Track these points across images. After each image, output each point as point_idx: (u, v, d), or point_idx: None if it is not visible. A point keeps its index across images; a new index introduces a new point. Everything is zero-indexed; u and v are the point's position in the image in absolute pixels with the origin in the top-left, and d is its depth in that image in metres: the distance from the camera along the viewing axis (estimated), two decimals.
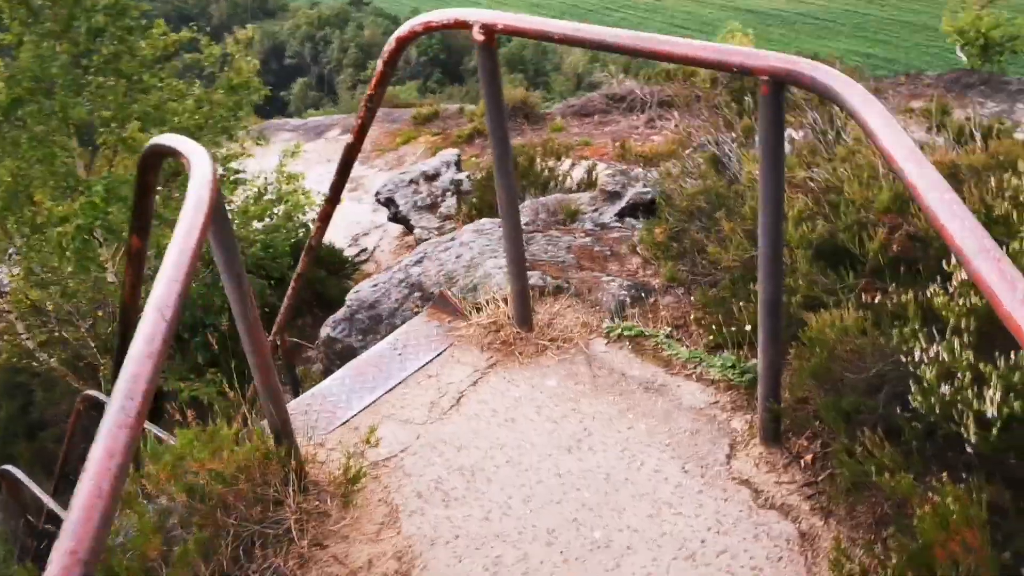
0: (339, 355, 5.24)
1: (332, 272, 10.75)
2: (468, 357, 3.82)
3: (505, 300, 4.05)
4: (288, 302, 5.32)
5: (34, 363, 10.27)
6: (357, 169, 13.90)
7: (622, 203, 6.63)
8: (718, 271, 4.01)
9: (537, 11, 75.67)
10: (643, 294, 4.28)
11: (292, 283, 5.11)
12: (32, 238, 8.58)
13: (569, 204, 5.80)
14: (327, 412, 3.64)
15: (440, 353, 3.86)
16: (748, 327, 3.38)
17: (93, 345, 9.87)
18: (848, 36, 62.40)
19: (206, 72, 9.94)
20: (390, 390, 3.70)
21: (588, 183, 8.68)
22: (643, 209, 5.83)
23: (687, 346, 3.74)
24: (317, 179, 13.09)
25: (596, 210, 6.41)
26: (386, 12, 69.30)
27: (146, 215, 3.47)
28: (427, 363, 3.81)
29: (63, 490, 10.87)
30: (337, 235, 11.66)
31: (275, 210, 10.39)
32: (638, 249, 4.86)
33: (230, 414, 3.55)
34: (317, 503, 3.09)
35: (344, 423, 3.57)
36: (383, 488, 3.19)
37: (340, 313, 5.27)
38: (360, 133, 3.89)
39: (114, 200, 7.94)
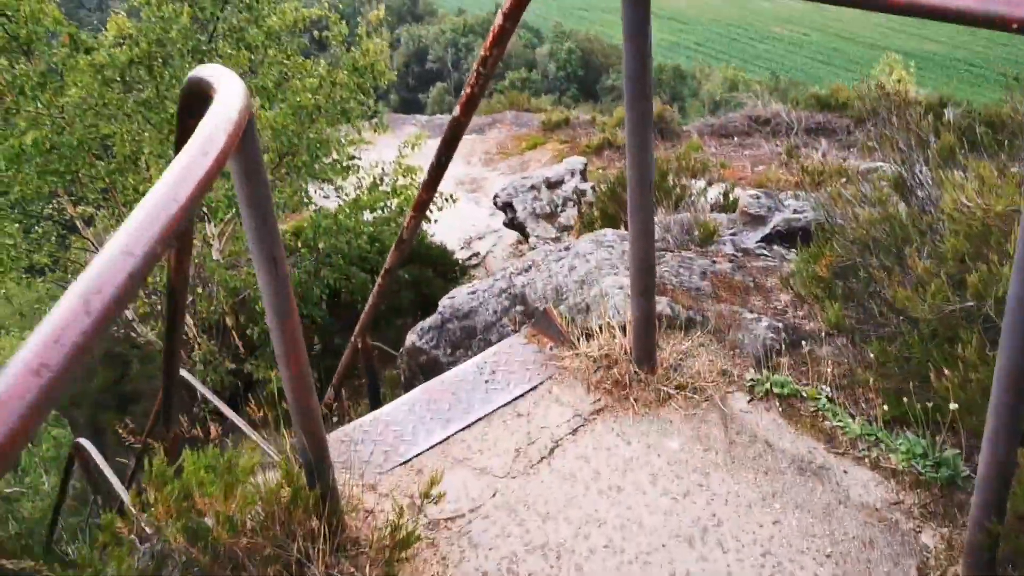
0: (422, 368, 4.50)
1: (440, 274, 10.09)
2: (570, 396, 3.00)
3: (623, 328, 3.21)
4: (373, 300, 4.61)
5: (133, 334, 9.95)
6: (479, 171, 13.26)
7: (767, 228, 5.70)
8: (901, 321, 3.08)
9: (682, 35, 74.37)
10: (797, 340, 3.38)
11: (379, 279, 4.40)
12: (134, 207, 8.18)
13: (707, 223, 4.92)
14: (386, 445, 2.87)
15: (535, 387, 3.05)
16: (953, 405, 2.45)
17: (192, 323, 9.47)
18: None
19: (332, 51, 9.40)
20: (468, 426, 2.90)
21: (724, 206, 7.75)
22: (798, 237, 4.89)
23: (856, 416, 2.82)
24: None
25: (736, 234, 5.50)
26: (529, 24, 69.09)
27: None
28: (518, 397, 3.01)
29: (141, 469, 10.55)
30: (450, 236, 11.02)
31: (388, 203, 9.78)
32: (790, 283, 3.95)
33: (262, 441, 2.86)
34: (353, 570, 2.33)
35: (405, 462, 2.79)
36: (439, 560, 2.40)
37: (430, 320, 4.53)
38: (468, 105, 3.12)
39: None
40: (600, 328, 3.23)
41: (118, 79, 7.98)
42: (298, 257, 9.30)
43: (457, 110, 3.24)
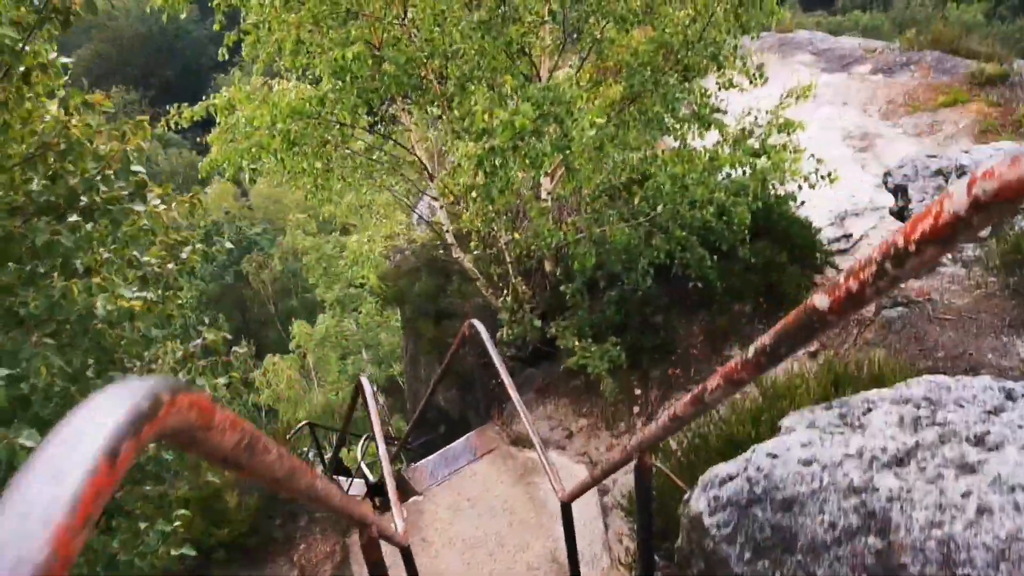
0: (705, 555, 2.97)
1: (796, 259, 8.20)
2: None
3: None
4: (663, 427, 3.11)
5: (453, 255, 9.22)
6: (874, 124, 10.81)
7: None
8: None
9: None
10: None
11: (668, 421, 2.88)
12: (461, 135, 7.16)
13: None
14: None
15: None
16: None
17: (508, 260, 8.51)
18: None
19: None
20: None
21: None
22: None
23: None
24: (819, 128, 10.32)
25: None
26: None
27: None
28: None
29: (440, 392, 10.04)
30: (820, 206, 8.99)
31: (754, 162, 7.94)
32: None
33: None
34: None
35: None
36: None
37: (731, 487, 2.94)
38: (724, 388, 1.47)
39: (547, 120, 6.10)
40: None
41: None
42: (632, 210, 7.87)
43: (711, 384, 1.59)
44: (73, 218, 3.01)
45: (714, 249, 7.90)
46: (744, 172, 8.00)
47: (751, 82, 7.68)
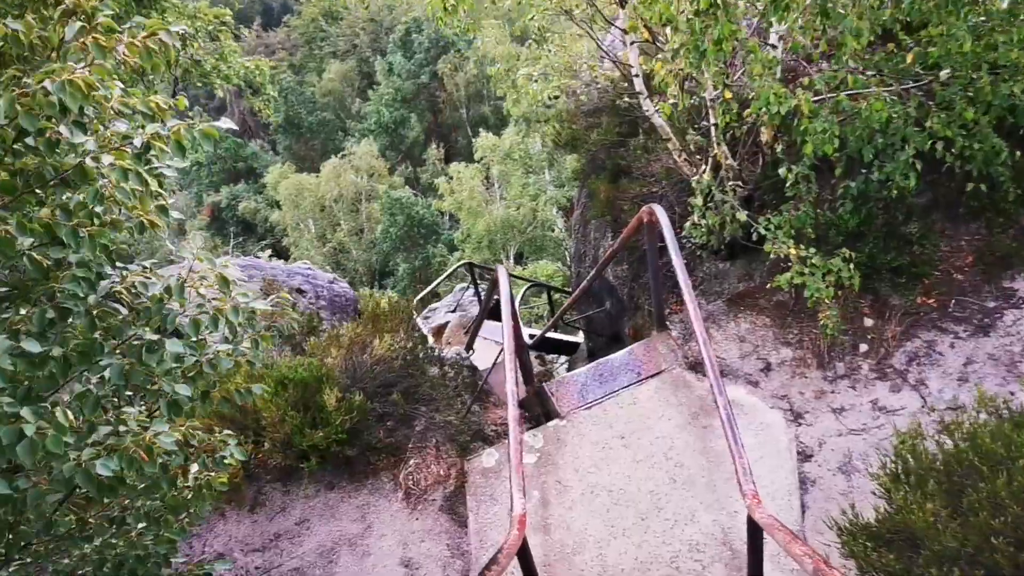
0: None
1: None
2: None
3: None
4: None
5: (642, 106, 7.02)
6: None
7: None
8: None
9: None
10: None
11: None
12: None
13: None
14: None
15: None
16: None
17: (712, 122, 6.26)
18: None
19: None
20: None
21: None
22: None
23: None
24: None
25: None
26: None
27: None
28: None
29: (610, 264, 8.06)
30: None
31: None
32: None
33: None
34: None
35: None
36: None
37: None
38: None
39: None
40: None
41: None
42: (899, 72, 5.39)
43: None
44: None
45: (1012, 137, 5.37)
46: None
47: None
